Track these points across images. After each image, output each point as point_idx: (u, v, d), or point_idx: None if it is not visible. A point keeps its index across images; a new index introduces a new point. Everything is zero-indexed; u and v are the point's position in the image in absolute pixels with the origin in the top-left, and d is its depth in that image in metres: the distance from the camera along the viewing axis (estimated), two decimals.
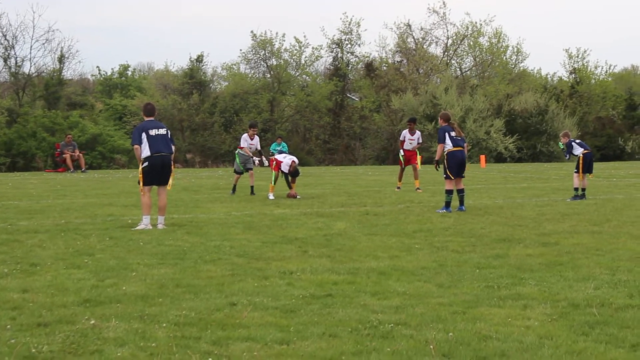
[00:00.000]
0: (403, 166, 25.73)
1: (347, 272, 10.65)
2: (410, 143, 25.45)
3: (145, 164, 15.70)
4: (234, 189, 24.56)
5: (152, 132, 15.74)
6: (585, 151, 22.57)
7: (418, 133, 25.69)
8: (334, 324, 7.80)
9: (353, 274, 10.58)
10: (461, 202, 19.03)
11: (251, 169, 24.38)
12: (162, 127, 16.03)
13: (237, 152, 24.50)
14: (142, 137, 15.69)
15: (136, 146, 15.78)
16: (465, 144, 19.47)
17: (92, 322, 7.80)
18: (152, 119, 16.11)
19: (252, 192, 24.18)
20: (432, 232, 15.02)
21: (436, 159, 19.17)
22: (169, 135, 16.06)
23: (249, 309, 8.37)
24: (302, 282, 9.99)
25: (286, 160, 22.49)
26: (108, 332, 7.45)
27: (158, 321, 7.87)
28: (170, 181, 16.28)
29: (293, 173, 22.52)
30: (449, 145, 18.99)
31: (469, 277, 10.35)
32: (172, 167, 16.10)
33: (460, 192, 19.06)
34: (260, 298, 8.95)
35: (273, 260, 11.65)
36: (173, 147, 16.08)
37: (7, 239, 13.87)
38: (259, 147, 24.60)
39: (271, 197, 22.15)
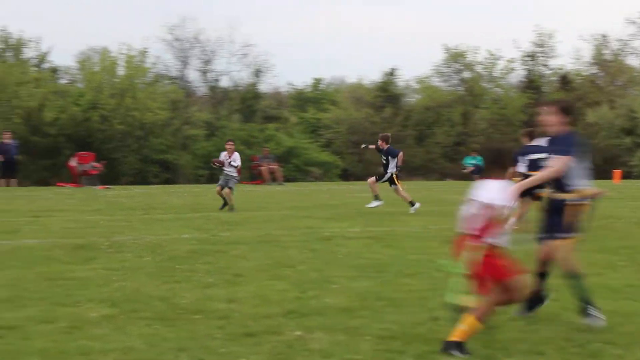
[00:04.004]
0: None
1: (551, 289, 10.43)
2: None
3: None
4: (223, 204, 23.64)
5: None
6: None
7: None
8: (539, 342, 7.67)
9: (556, 290, 10.35)
10: None
11: (231, 188, 23.58)
12: None
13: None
14: None
15: None
16: None
17: (298, 333, 7.93)
18: None
19: (222, 207, 23.40)
20: (636, 248, 14.52)
21: None
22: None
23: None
24: None
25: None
26: (313, 344, 7.56)
27: (361, 334, 7.92)
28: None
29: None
30: None
31: None
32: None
33: None
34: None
35: None
36: None
37: (211, 249, 14.28)
38: (235, 164, 24.11)
39: None
